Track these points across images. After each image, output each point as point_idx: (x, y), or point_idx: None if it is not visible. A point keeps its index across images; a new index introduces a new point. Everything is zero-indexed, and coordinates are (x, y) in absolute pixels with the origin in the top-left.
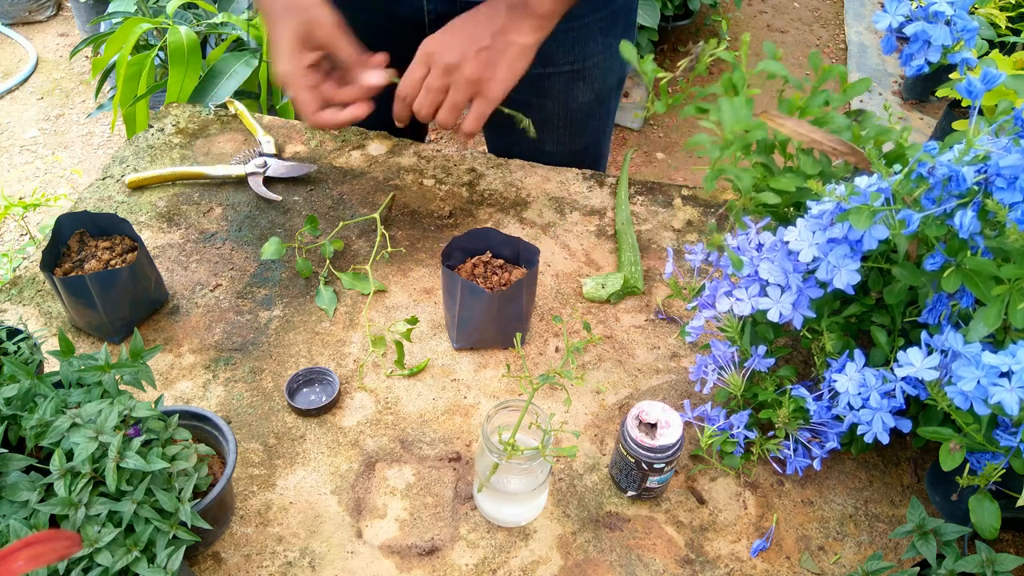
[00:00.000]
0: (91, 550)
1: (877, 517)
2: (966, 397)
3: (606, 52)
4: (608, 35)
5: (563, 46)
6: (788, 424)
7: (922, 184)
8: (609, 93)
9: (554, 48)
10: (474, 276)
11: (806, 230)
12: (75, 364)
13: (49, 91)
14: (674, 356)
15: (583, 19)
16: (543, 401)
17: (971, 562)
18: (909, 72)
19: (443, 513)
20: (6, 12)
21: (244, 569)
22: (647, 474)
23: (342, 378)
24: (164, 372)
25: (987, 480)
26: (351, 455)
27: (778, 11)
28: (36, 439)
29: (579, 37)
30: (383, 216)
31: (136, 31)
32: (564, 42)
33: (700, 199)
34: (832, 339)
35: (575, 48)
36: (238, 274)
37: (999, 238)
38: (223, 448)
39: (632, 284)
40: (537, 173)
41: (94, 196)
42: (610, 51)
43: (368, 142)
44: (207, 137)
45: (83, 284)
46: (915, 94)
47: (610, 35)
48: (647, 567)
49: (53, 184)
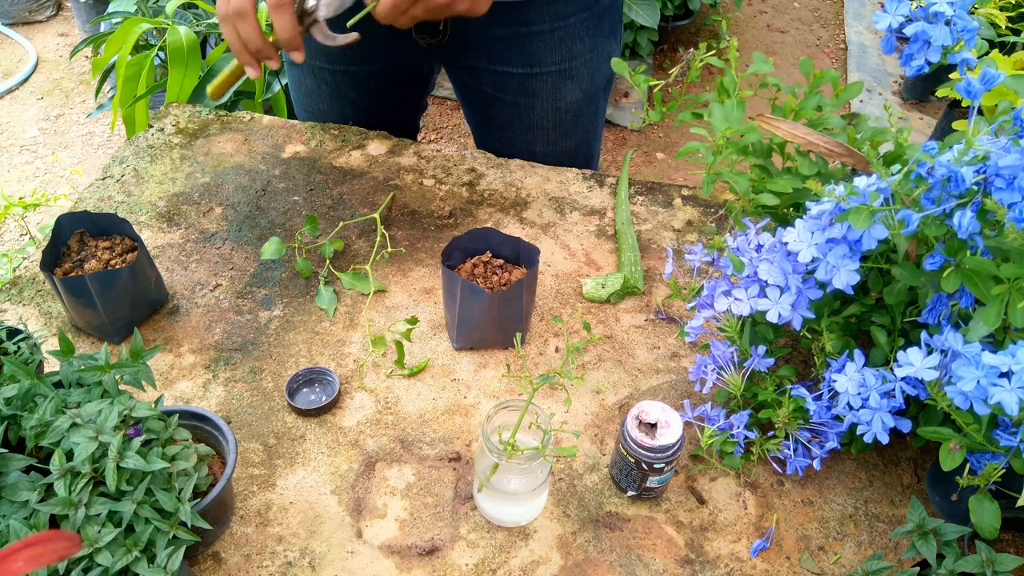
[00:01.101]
0: (91, 550)
1: (877, 517)
2: (966, 397)
3: (593, 51)
4: (595, 34)
5: (550, 46)
6: (788, 424)
7: (921, 184)
8: (597, 93)
9: (541, 48)
10: (474, 276)
11: (805, 231)
12: (75, 364)
13: (49, 91)
14: (674, 356)
15: (569, 19)
16: (543, 401)
17: (971, 562)
18: (909, 72)
19: (443, 513)
20: (6, 12)
21: (244, 569)
22: (647, 474)
23: (342, 378)
24: (164, 372)
25: (987, 480)
26: (351, 455)
27: (778, 11)
28: (36, 439)
29: (566, 37)
30: (383, 216)
31: (136, 31)
32: (551, 42)
33: (700, 199)
34: (832, 339)
35: (562, 48)
36: (238, 274)
37: (998, 238)
38: (223, 448)
39: (632, 284)
40: (537, 173)
41: (94, 196)
42: (597, 50)
43: (368, 142)
44: (207, 137)
45: (83, 284)
46: (915, 94)
47: (597, 34)
48: (647, 567)
49: (53, 184)
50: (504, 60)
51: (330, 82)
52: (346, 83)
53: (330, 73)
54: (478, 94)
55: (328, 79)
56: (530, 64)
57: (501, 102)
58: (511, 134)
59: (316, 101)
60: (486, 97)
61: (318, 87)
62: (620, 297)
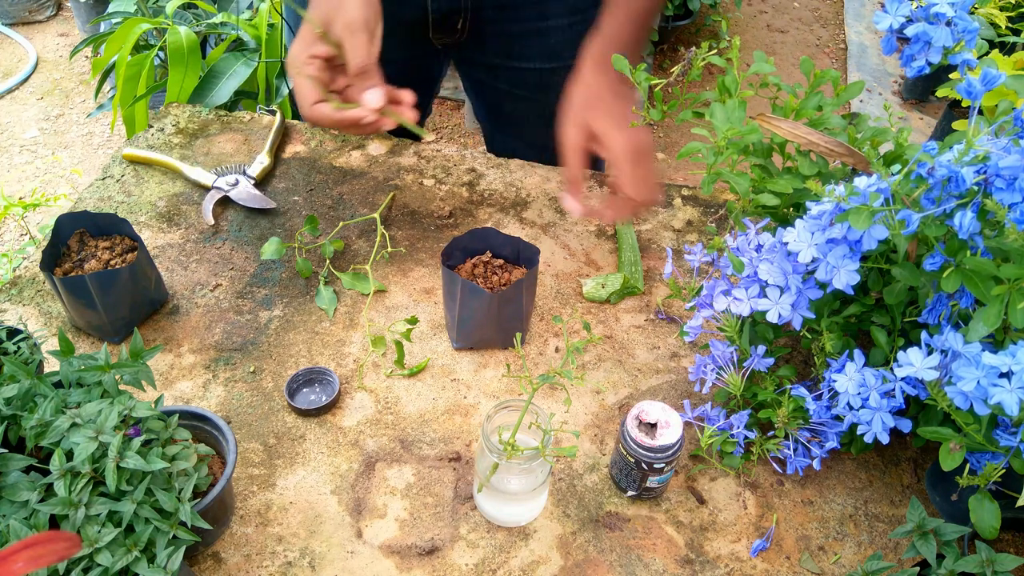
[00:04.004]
0: (91, 550)
1: (877, 517)
2: (966, 397)
3: None
4: None
5: (568, 40)
6: (788, 424)
7: (921, 184)
8: None
9: (560, 43)
10: (474, 276)
11: (805, 231)
12: (75, 364)
13: (49, 91)
14: (674, 356)
15: (587, 13)
16: (543, 401)
17: (971, 562)
18: (910, 73)
19: (443, 513)
20: (6, 12)
21: (244, 569)
22: (647, 474)
23: (342, 378)
24: (164, 372)
25: (987, 480)
26: (351, 455)
27: (778, 11)
28: (36, 439)
29: (583, 30)
30: (383, 216)
31: (136, 31)
32: (569, 36)
33: (700, 199)
34: (832, 339)
35: (579, 41)
36: (238, 274)
37: (998, 238)
38: (223, 448)
39: (632, 284)
40: (537, 173)
41: (94, 196)
42: None
43: (368, 142)
44: (207, 137)
45: (83, 284)
46: (915, 94)
47: None
48: (647, 567)
49: (53, 184)
50: (522, 56)
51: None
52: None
53: None
54: (493, 91)
55: None
56: (548, 59)
57: (517, 98)
58: (526, 131)
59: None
60: (501, 94)
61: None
62: (620, 297)
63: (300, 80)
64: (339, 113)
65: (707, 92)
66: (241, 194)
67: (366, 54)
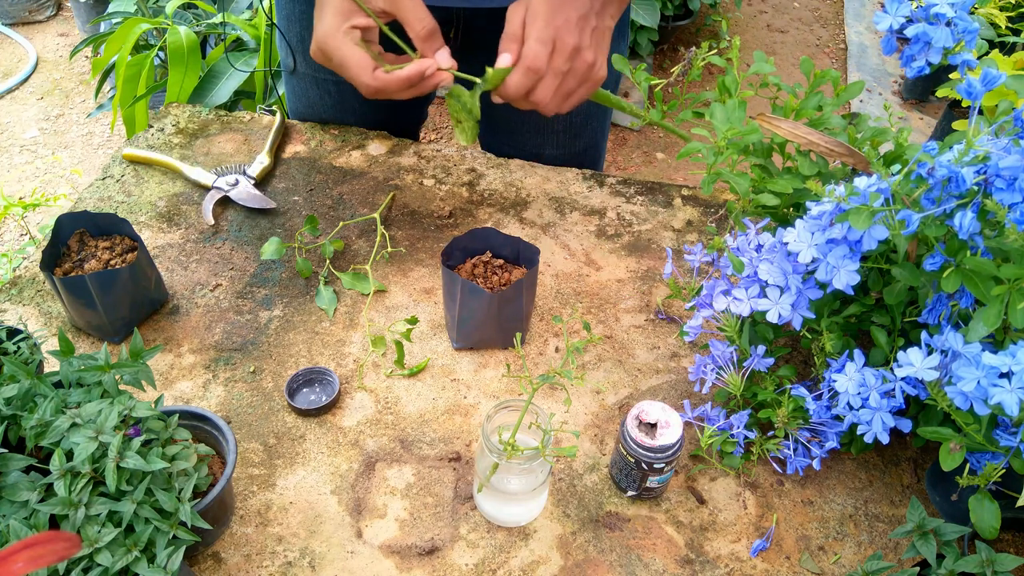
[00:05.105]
0: (91, 550)
1: (877, 517)
2: (966, 397)
3: None
4: None
5: None
6: (788, 424)
7: (921, 184)
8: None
9: None
10: (474, 276)
11: (805, 231)
12: (75, 364)
13: (49, 91)
14: (674, 356)
15: None
16: (543, 401)
17: (971, 562)
18: (910, 73)
19: (443, 513)
20: (6, 12)
21: (244, 569)
22: (647, 474)
23: (342, 378)
24: (164, 372)
25: (987, 480)
26: (351, 455)
27: (778, 11)
28: (36, 439)
29: None
30: (383, 216)
31: (136, 31)
32: None
33: (700, 199)
34: (832, 339)
35: None
36: (238, 274)
37: (998, 238)
38: (223, 448)
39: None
40: (537, 173)
41: (94, 196)
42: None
43: (368, 142)
44: (207, 137)
45: (83, 284)
46: (915, 94)
47: None
48: (647, 567)
49: (53, 184)
50: None
51: (334, 93)
52: (349, 94)
53: (334, 84)
54: (484, 99)
55: (332, 90)
56: None
57: (509, 106)
58: (520, 138)
59: (319, 112)
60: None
61: (321, 98)
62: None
63: (349, 50)
64: (406, 72)
65: (707, 92)
66: (241, 194)
67: (429, 18)
